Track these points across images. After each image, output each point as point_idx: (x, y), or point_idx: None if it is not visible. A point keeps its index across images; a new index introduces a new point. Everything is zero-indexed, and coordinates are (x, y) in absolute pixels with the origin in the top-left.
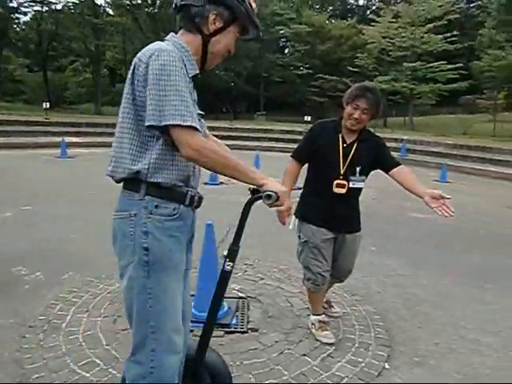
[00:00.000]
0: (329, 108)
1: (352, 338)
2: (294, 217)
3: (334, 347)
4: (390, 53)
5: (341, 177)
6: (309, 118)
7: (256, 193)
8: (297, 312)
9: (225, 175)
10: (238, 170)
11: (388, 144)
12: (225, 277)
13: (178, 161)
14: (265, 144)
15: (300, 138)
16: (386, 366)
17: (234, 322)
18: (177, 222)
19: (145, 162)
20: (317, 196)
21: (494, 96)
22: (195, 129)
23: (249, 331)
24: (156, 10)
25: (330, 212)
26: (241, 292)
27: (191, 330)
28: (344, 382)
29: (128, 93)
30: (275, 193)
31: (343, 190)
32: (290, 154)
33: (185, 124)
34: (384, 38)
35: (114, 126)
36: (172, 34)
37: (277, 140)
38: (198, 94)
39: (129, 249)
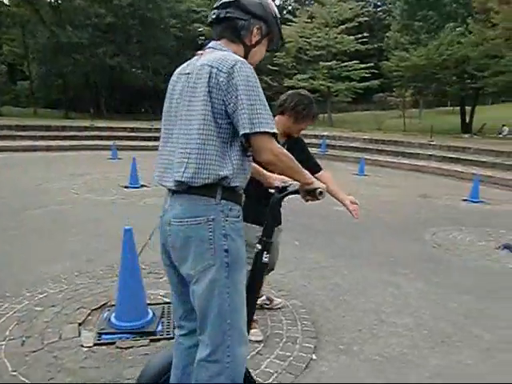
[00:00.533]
0: None
1: (280, 333)
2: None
3: (262, 344)
4: (308, 52)
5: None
6: None
7: (284, 190)
8: None
9: (289, 176)
10: (299, 171)
11: (309, 140)
12: (262, 268)
13: (247, 165)
14: None
15: None
16: (314, 357)
17: (159, 328)
18: (241, 223)
19: (230, 168)
20: (251, 195)
21: (402, 94)
22: (275, 135)
23: (175, 337)
24: (60, 1)
25: (263, 210)
26: (166, 297)
27: (113, 342)
28: (273, 377)
29: (205, 100)
30: (323, 189)
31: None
32: None
33: (272, 131)
34: (301, 37)
35: (18, 128)
36: (217, 42)
37: None
38: (117, 93)
39: (209, 252)
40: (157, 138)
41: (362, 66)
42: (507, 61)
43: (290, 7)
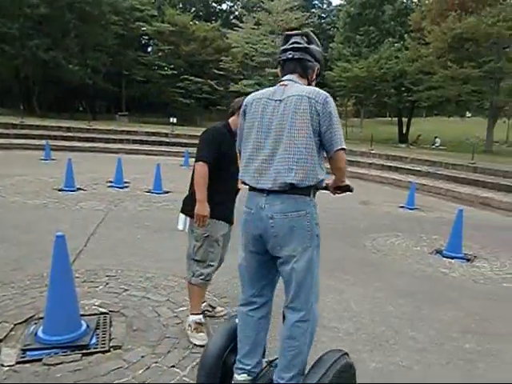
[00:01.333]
0: (195, 109)
1: None
2: (183, 216)
3: None
4: (254, 58)
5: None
6: (174, 120)
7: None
8: (164, 322)
9: (341, 177)
10: (345, 172)
11: None
12: None
13: None
14: (128, 147)
15: (167, 140)
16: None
17: (93, 341)
18: None
19: (322, 173)
20: (221, 193)
21: (345, 103)
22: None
23: (111, 349)
24: None
25: (231, 207)
26: (102, 307)
27: (39, 359)
28: None
29: (308, 123)
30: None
31: (242, 186)
32: (197, 159)
33: (345, 147)
34: (247, 43)
35: None
36: (291, 76)
37: (141, 142)
38: (51, 89)
39: (307, 237)
40: (95, 139)
41: None
42: (439, 77)
43: (236, 12)
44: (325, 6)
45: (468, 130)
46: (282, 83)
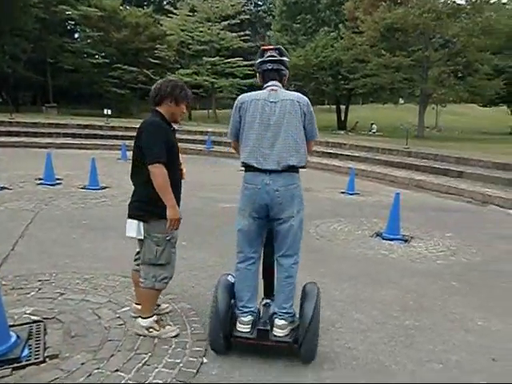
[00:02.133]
0: (131, 100)
1: (168, 339)
2: (135, 221)
3: (149, 354)
4: (190, 46)
5: (181, 165)
6: (109, 112)
7: None
8: (106, 324)
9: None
10: None
11: (194, 137)
12: None
13: None
14: (59, 141)
15: (101, 132)
16: (204, 360)
17: (25, 353)
18: None
19: (307, 157)
20: (173, 190)
21: None
22: None
23: (46, 360)
24: None
25: (179, 199)
26: (34, 315)
27: None
28: None
29: (299, 120)
30: None
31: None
32: (151, 160)
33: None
34: (183, 30)
35: None
36: (274, 82)
37: (74, 136)
38: None
39: (300, 202)
40: (20, 133)
41: (246, 63)
42: (373, 65)
43: None
44: None
45: (402, 116)
46: (271, 88)
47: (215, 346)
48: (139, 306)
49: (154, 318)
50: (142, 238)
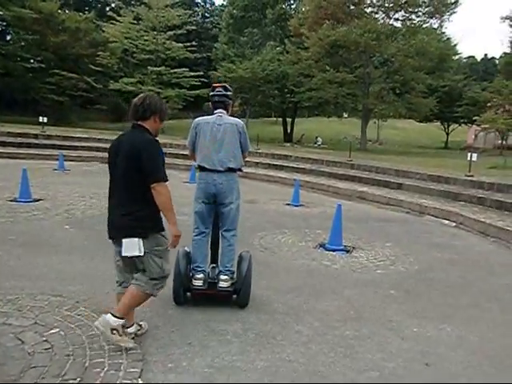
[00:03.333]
0: (70, 108)
1: (101, 361)
2: (136, 239)
3: (79, 379)
4: (135, 55)
5: None
6: (45, 119)
7: None
8: (29, 349)
9: None
10: None
11: None
12: None
13: None
14: None
15: (36, 141)
16: (140, 381)
17: None
18: None
19: (242, 162)
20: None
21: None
22: None
23: None
24: None
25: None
26: None
27: None
28: None
29: (237, 137)
30: None
31: None
32: (158, 179)
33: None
34: (127, 38)
35: None
36: (220, 110)
37: (4, 144)
38: None
39: (238, 192)
40: None
41: (192, 73)
42: (317, 80)
43: (113, 4)
44: (208, 5)
45: (345, 129)
46: (218, 114)
47: (177, 300)
48: (132, 329)
49: (123, 322)
50: (143, 254)
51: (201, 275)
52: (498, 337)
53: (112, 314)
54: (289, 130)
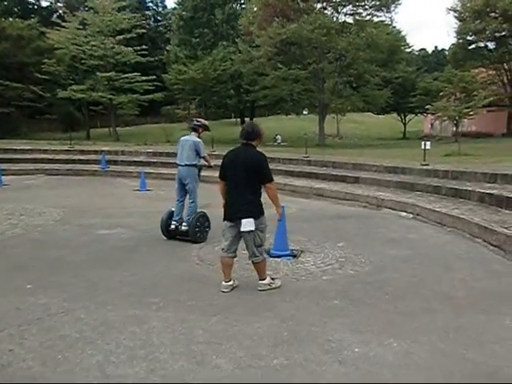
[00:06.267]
0: (18, 119)
1: None
2: (252, 219)
3: None
4: (84, 61)
5: None
6: None
7: None
8: None
9: None
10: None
11: (87, 157)
12: None
13: None
14: None
15: None
16: None
17: None
18: None
19: (199, 160)
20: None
21: (187, 106)
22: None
23: None
24: None
25: None
26: None
27: None
28: None
29: (192, 148)
30: None
31: None
32: (270, 180)
33: (205, 155)
34: (73, 44)
35: None
36: (192, 133)
37: None
38: None
39: (192, 178)
40: None
41: (144, 78)
42: (270, 78)
43: (60, 11)
44: (160, 8)
45: (306, 126)
46: (190, 134)
47: (164, 235)
48: (230, 282)
49: (269, 278)
50: (254, 229)
51: (174, 223)
52: (450, 347)
53: (261, 280)
54: None
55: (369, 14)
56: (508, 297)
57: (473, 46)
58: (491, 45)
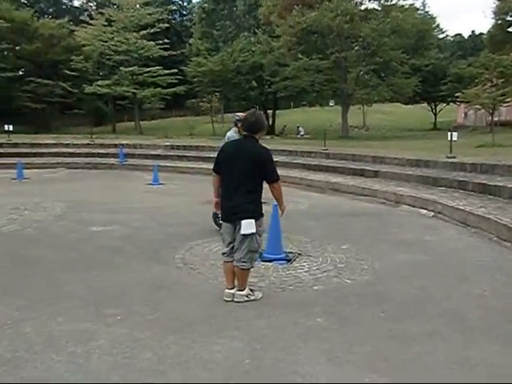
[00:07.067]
0: (51, 115)
1: None
2: (253, 221)
3: None
4: (110, 57)
5: None
6: (10, 127)
7: None
8: None
9: None
10: None
11: (107, 150)
12: None
13: None
14: None
15: (1, 151)
16: None
17: None
18: None
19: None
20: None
21: (210, 99)
22: None
23: None
24: None
25: None
26: None
27: None
28: None
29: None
30: None
31: None
32: (277, 179)
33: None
34: (100, 41)
35: None
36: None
37: None
38: None
39: None
40: None
41: (166, 71)
42: (291, 69)
43: (90, 9)
44: (185, 3)
45: (333, 117)
46: (232, 131)
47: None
48: (233, 290)
49: (248, 289)
50: (255, 231)
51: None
52: None
53: (239, 290)
54: (270, 123)
55: None
56: None
57: None
58: None
